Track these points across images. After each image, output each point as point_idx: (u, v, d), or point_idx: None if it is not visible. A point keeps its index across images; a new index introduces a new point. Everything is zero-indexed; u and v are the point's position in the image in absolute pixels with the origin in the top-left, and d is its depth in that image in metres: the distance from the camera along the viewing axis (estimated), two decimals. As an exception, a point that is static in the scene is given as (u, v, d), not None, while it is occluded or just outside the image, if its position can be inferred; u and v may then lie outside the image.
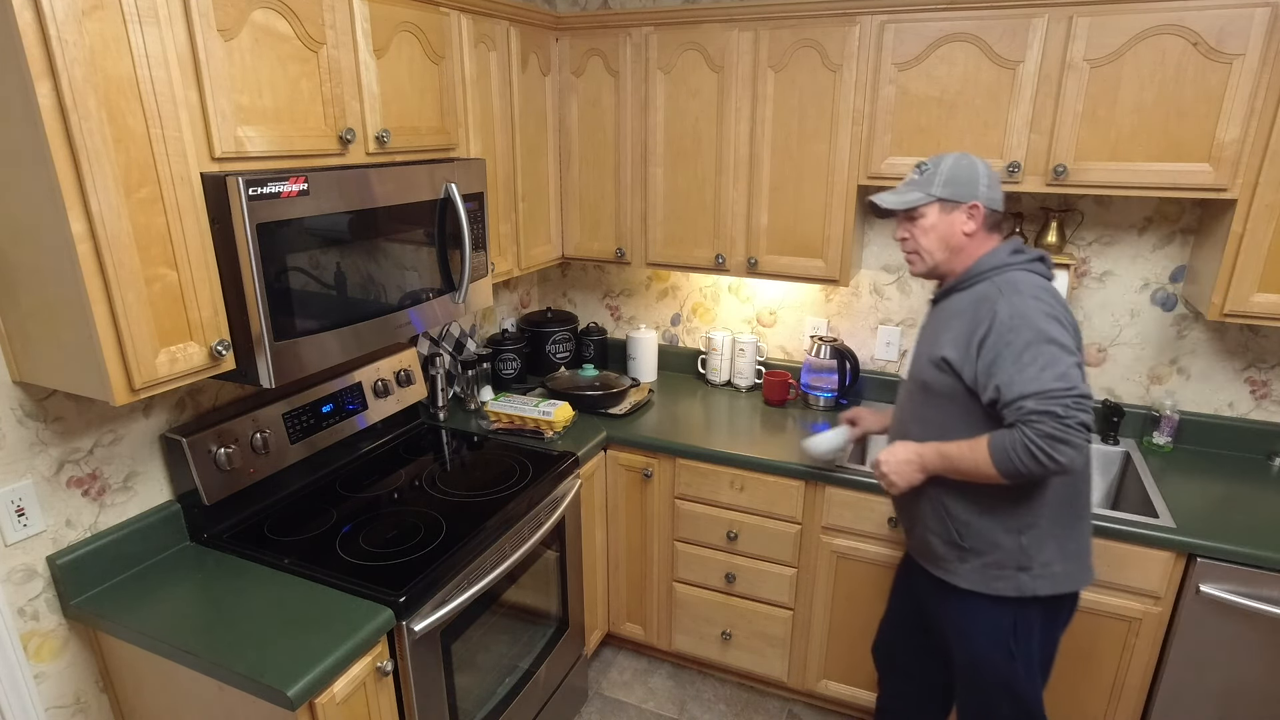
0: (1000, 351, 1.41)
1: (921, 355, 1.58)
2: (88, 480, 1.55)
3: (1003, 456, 1.40)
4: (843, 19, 2.03)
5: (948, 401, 1.53)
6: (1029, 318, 1.41)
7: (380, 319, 1.67)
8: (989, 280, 1.50)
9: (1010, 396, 1.39)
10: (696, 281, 2.81)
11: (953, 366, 1.49)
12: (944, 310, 1.57)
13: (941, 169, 1.52)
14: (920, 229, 1.55)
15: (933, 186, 1.52)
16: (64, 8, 1.08)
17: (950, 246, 1.54)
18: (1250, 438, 2.21)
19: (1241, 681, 1.83)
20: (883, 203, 1.56)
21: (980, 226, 1.53)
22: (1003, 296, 1.45)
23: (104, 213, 1.17)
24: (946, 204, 1.52)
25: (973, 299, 1.50)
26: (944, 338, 1.51)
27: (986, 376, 1.43)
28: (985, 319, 1.45)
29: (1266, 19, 1.68)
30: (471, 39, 1.97)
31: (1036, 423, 1.36)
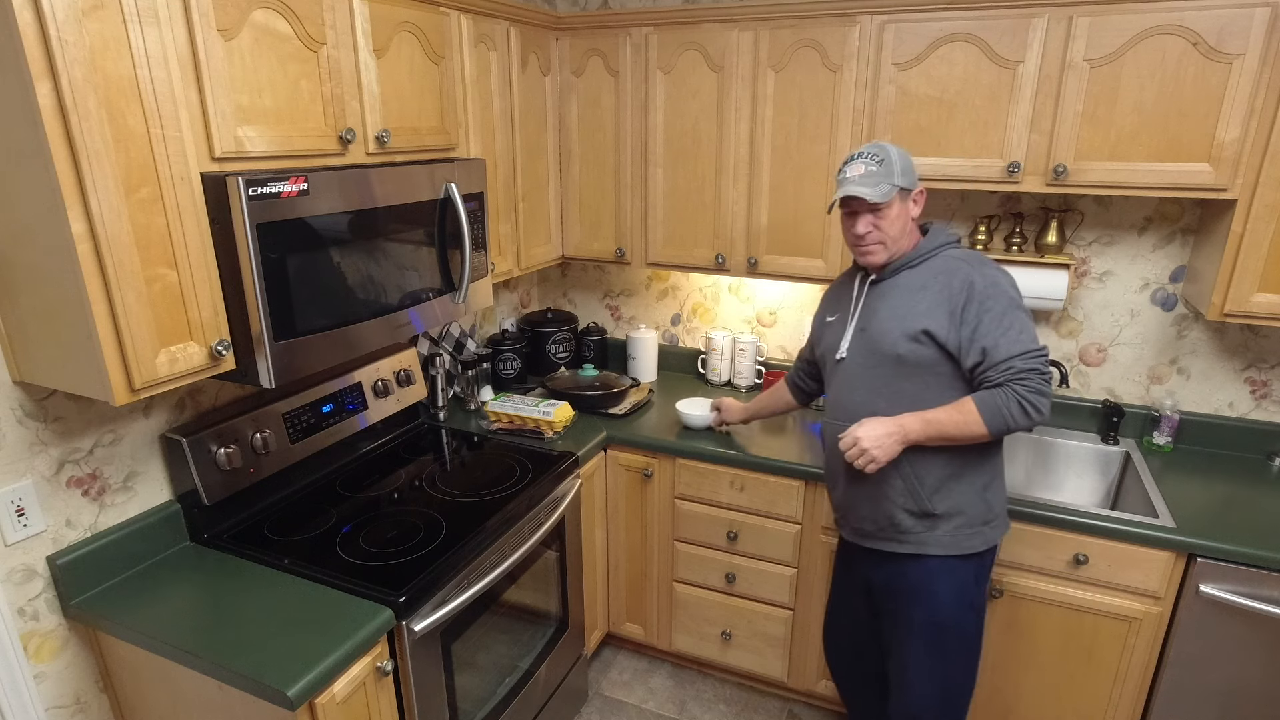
0: (982, 317, 1.51)
1: (886, 331, 1.60)
2: (88, 480, 1.55)
3: (994, 414, 1.50)
4: (843, 19, 2.03)
5: (925, 372, 1.58)
6: (1001, 286, 1.54)
7: (380, 319, 1.67)
8: (942, 255, 1.61)
9: (999, 358, 1.50)
10: (696, 281, 2.81)
11: (935, 337, 1.55)
12: (896, 287, 1.63)
13: (894, 158, 1.57)
14: (887, 219, 1.59)
15: (895, 177, 1.56)
16: (64, 8, 1.08)
17: (905, 231, 1.62)
18: (1250, 438, 2.21)
19: (1241, 681, 1.83)
20: (871, 197, 1.55)
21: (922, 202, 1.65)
22: (972, 268, 1.55)
23: (104, 213, 1.17)
24: (905, 192, 1.59)
25: (933, 272, 1.59)
26: (915, 311, 1.57)
27: (970, 341, 1.52)
28: (960, 289, 1.54)
29: (1266, 19, 1.68)
30: (471, 39, 1.97)
31: (1026, 379, 1.49)
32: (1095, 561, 1.88)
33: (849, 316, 1.71)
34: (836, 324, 1.76)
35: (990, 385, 1.52)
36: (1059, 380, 2.39)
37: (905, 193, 1.59)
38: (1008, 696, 2.10)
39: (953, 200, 2.37)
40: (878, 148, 1.58)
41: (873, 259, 1.63)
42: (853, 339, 1.69)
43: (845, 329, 1.71)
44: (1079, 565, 1.90)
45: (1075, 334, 2.34)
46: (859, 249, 1.64)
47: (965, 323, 1.53)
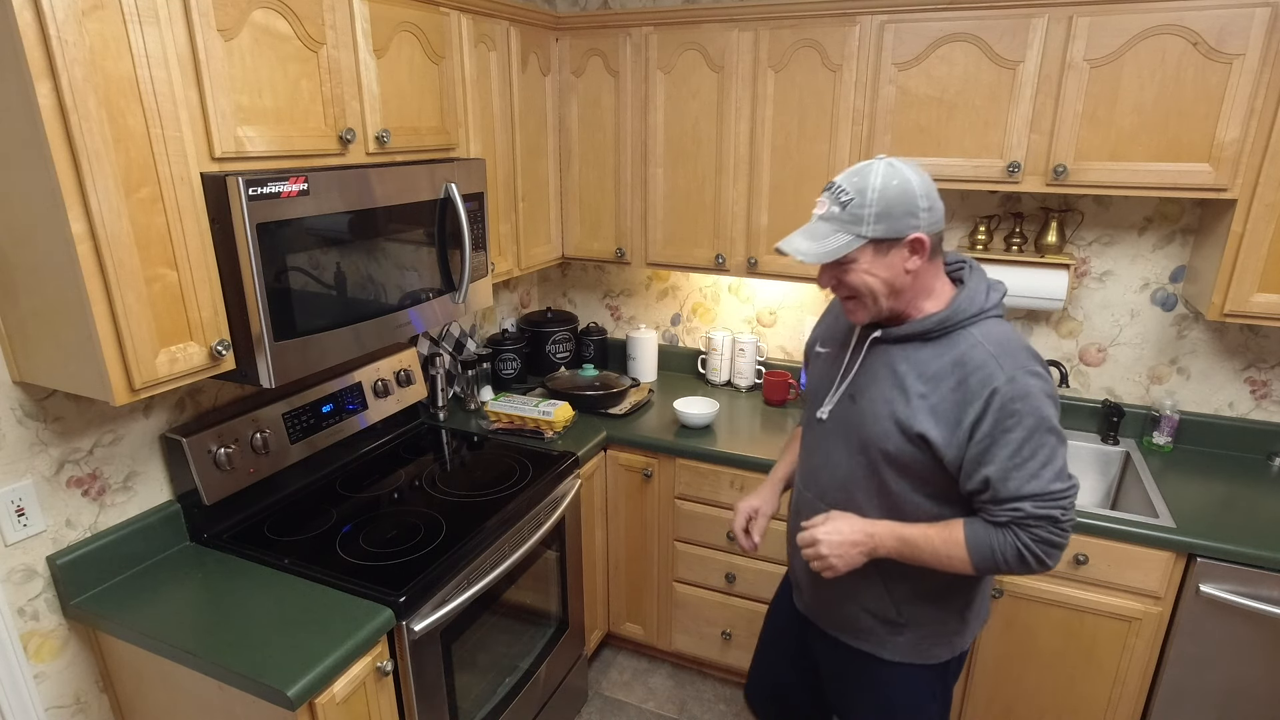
0: (996, 439, 1.19)
1: (877, 416, 1.29)
2: (88, 480, 1.55)
3: (985, 555, 1.24)
4: (843, 19, 2.03)
5: (916, 475, 1.29)
6: (1032, 399, 1.18)
7: (380, 319, 1.67)
8: (968, 333, 1.25)
9: (1006, 495, 1.20)
10: (696, 281, 2.81)
11: (933, 446, 1.23)
12: (904, 360, 1.29)
13: (869, 199, 1.19)
14: (856, 275, 1.24)
15: (862, 225, 1.20)
16: (64, 8, 1.08)
17: (894, 289, 1.25)
18: (1250, 438, 2.21)
19: (1241, 681, 1.83)
20: (799, 254, 1.23)
21: (925, 259, 1.24)
22: (1000, 368, 1.20)
23: (104, 213, 1.17)
24: (882, 244, 1.21)
25: (953, 358, 1.24)
26: (917, 405, 1.25)
27: (975, 465, 1.21)
28: (979, 396, 1.20)
29: (1266, 19, 1.68)
30: (471, 39, 1.97)
31: (1034, 527, 1.21)
32: (1095, 561, 1.88)
33: (840, 367, 1.39)
34: (826, 365, 1.44)
35: (990, 519, 1.24)
36: (1059, 380, 2.39)
37: (884, 244, 1.21)
38: (1008, 696, 2.10)
39: (953, 200, 2.37)
40: (861, 175, 1.21)
41: (851, 318, 1.33)
42: (839, 403, 1.37)
43: (833, 383, 1.40)
44: (1079, 565, 1.90)
45: (1075, 334, 2.34)
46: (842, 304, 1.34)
47: (975, 440, 1.20)
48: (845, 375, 1.38)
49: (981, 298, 1.28)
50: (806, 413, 1.49)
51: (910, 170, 1.21)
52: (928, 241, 1.22)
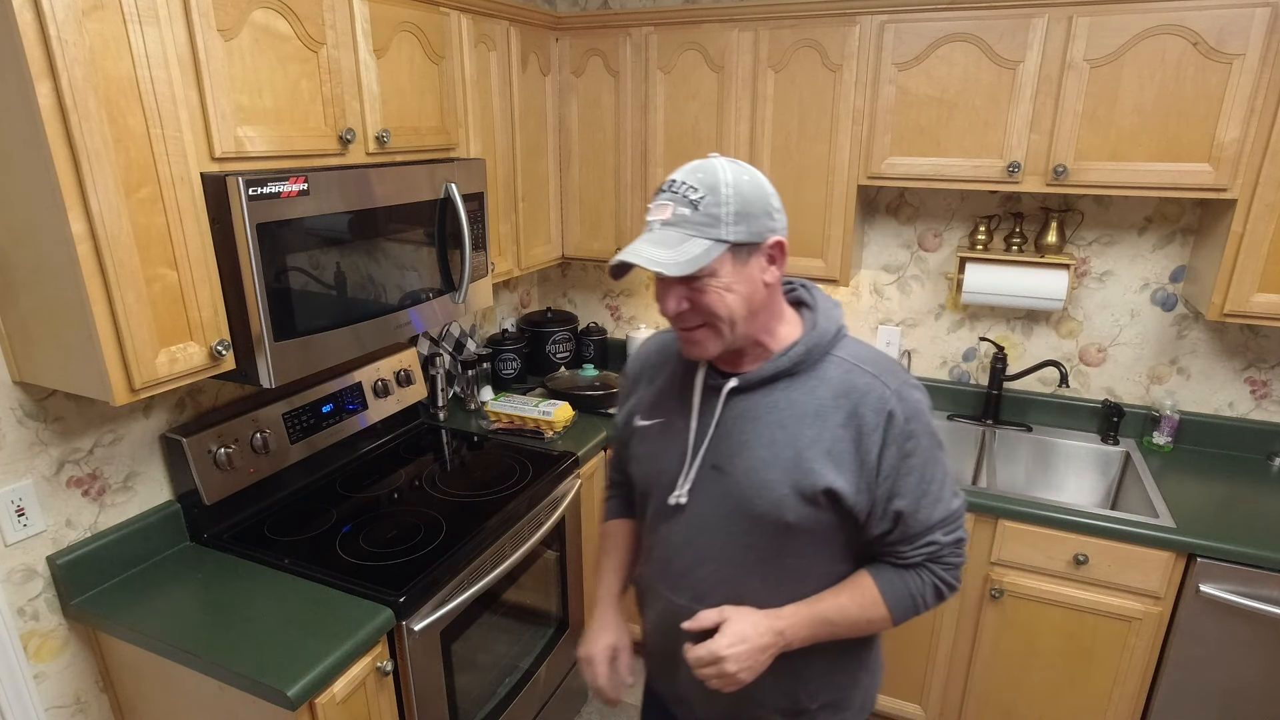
0: (902, 468, 1.04)
1: (764, 485, 1.06)
2: (88, 480, 1.55)
3: (907, 607, 1.10)
4: (843, 19, 2.03)
5: (816, 540, 1.09)
6: (922, 415, 1.06)
7: (380, 319, 1.67)
8: (835, 358, 1.08)
9: (918, 529, 1.07)
10: (696, 281, 2.81)
11: (841, 500, 1.04)
12: (773, 408, 1.07)
13: (725, 196, 0.98)
14: (712, 295, 1.00)
15: (721, 227, 0.97)
16: (64, 8, 1.08)
17: (751, 308, 1.03)
18: (1250, 438, 2.21)
19: (1241, 681, 1.83)
20: (655, 265, 0.96)
21: (782, 269, 1.05)
22: (888, 388, 1.04)
23: (104, 213, 1.17)
24: (742, 249, 1.00)
25: (832, 389, 1.05)
26: (813, 456, 1.04)
27: (886, 503, 1.05)
28: (876, 425, 1.03)
29: (1266, 19, 1.68)
30: (471, 39, 1.97)
31: (949, 557, 1.10)
32: (1095, 561, 1.88)
33: (688, 436, 1.12)
34: (663, 438, 1.16)
35: (901, 562, 1.10)
36: (1059, 380, 2.40)
37: (744, 249, 1.00)
38: (1008, 696, 2.10)
39: (953, 200, 2.37)
40: (706, 171, 0.99)
41: (697, 351, 1.06)
42: (699, 480, 1.11)
43: (684, 457, 1.12)
44: (1079, 565, 1.90)
45: (1075, 334, 2.34)
46: (679, 333, 1.07)
47: (882, 477, 1.04)
48: (699, 443, 1.10)
49: (837, 315, 1.12)
50: (648, 503, 1.18)
51: (752, 168, 1.04)
52: (784, 246, 1.03)
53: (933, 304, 2.48)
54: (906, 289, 2.50)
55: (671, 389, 1.18)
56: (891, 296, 2.53)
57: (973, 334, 2.46)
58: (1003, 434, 2.37)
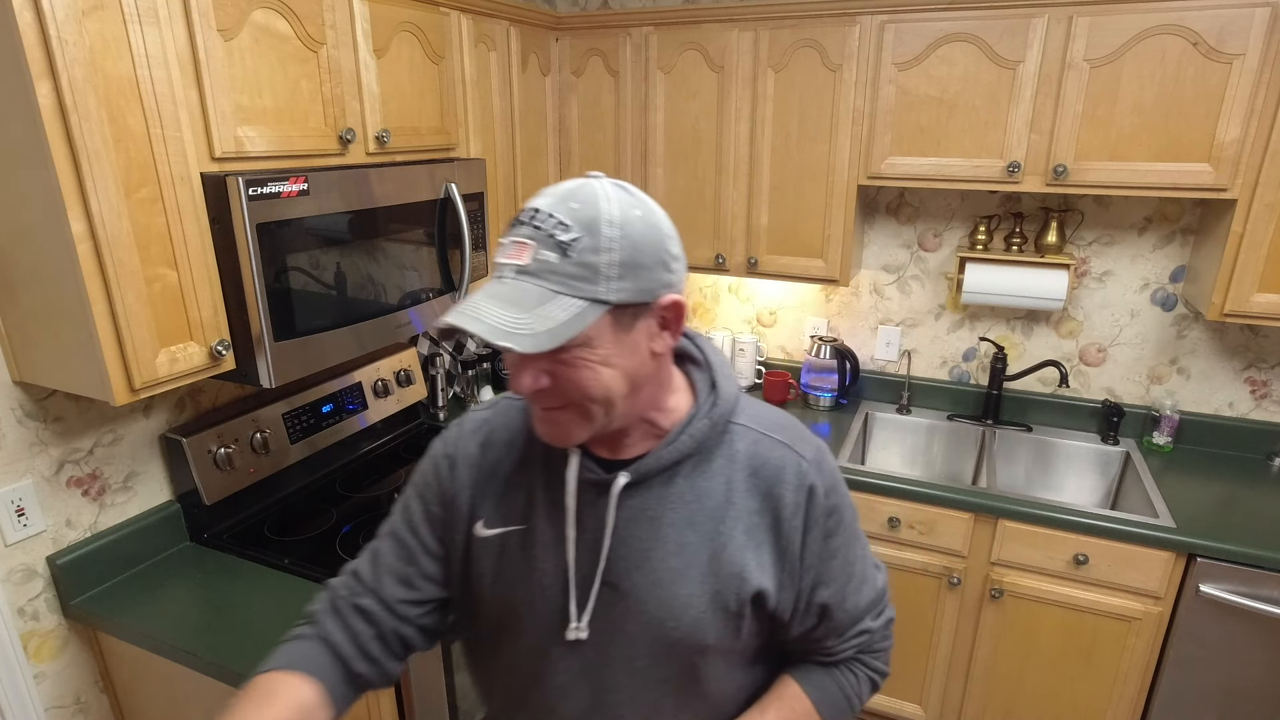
0: (825, 552, 0.87)
1: (681, 595, 0.82)
2: (88, 480, 1.55)
3: (842, 710, 0.94)
4: (843, 19, 2.03)
5: (744, 658, 0.91)
6: (840, 485, 0.89)
7: (380, 319, 1.67)
8: (737, 427, 0.86)
9: (847, 620, 0.90)
10: (696, 281, 2.81)
11: (767, 602, 0.85)
12: (680, 496, 0.83)
13: (607, 237, 0.71)
14: (585, 368, 0.73)
15: (600, 282, 0.71)
16: (64, 8, 1.08)
17: (635, 384, 0.77)
18: (1250, 438, 2.21)
19: (1241, 681, 1.83)
20: (502, 338, 0.68)
21: (678, 336, 0.79)
22: (802, 457, 0.86)
23: (104, 213, 1.17)
24: (626, 311, 0.73)
25: (748, 470, 0.85)
26: (729, 557, 0.83)
27: (810, 595, 0.87)
28: (797, 503, 0.84)
29: (1266, 19, 1.68)
30: (471, 39, 1.97)
31: (880, 643, 0.95)
32: (1095, 561, 1.88)
33: (566, 545, 0.84)
34: (527, 551, 0.87)
35: (829, 659, 0.94)
36: (1059, 380, 2.40)
37: (634, 312, 0.74)
38: (1008, 696, 2.10)
39: (953, 200, 2.37)
40: (584, 200, 0.72)
41: (558, 436, 0.78)
42: (598, 606, 0.85)
43: (566, 576, 0.85)
44: (1079, 565, 1.90)
45: (1075, 334, 2.34)
46: (536, 415, 0.79)
47: (806, 565, 0.86)
48: (591, 558, 0.84)
49: (725, 371, 0.88)
50: (507, 638, 0.90)
51: (648, 198, 0.77)
52: (682, 308, 0.77)
53: (933, 304, 2.48)
54: (906, 289, 2.50)
55: (528, 483, 0.87)
56: (891, 296, 2.53)
57: (973, 334, 2.46)
58: (1003, 434, 2.37)
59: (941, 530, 2.02)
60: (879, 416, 2.52)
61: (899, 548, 2.09)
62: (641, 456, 0.84)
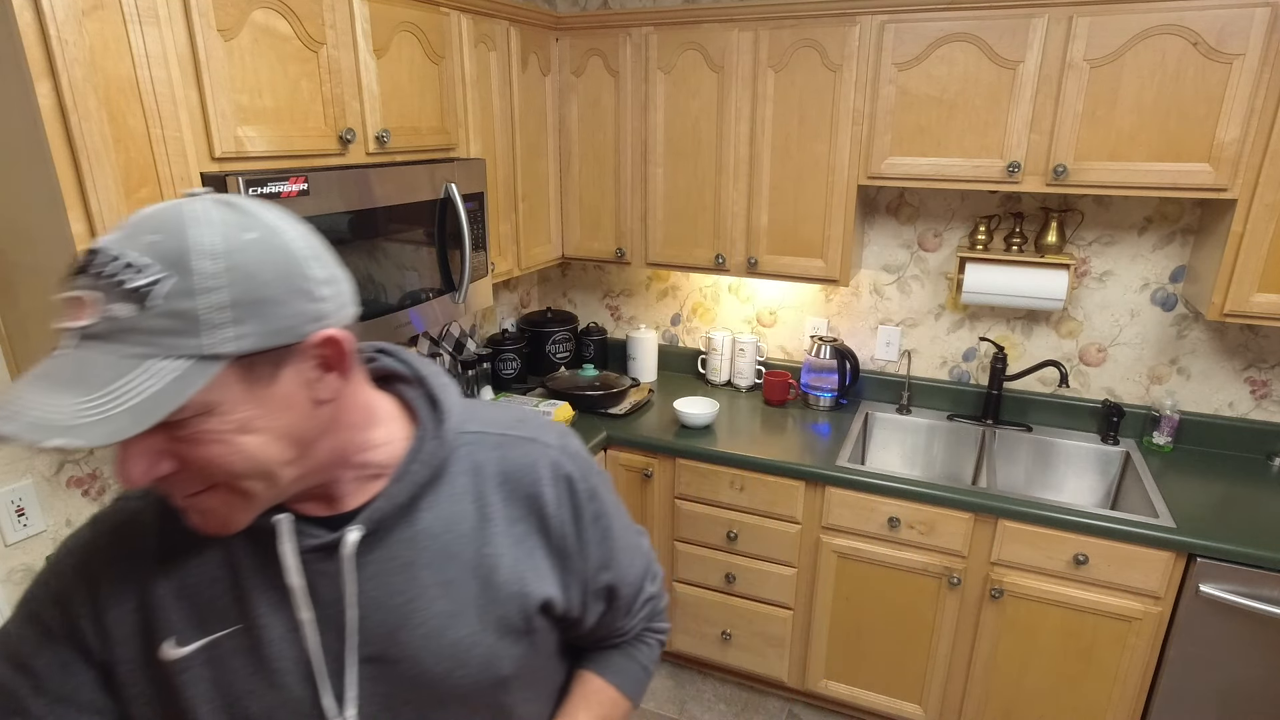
0: (595, 535, 0.81)
1: (458, 645, 0.73)
2: (88, 480, 1.55)
3: (641, 684, 0.93)
4: (843, 19, 2.03)
5: (545, 672, 0.86)
6: (592, 463, 0.84)
7: (380, 319, 1.67)
8: (474, 434, 0.77)
9: (632, 592, 0.88)
10: (696, 281, 2.81)
11: (555, 608, 0.79)
12: (428, 540, 0.72)
13: (201, 272, 0.55)
14: (213, 443, 0.58)
15: (202, 332, 0.55)
16: (64, 8, 1.08)
17: (304, 440, 0.63)
18: (1250, 438, 2.21)
19: (1241, 681, 1.83)
20: (55, 436, 0.51)
21: (349, 372, 0.65)
22: (547, 446, 0.79)
23: (104, 213, 1.17)
24: (261, 360, 0.59)
25: (500, 478, 0.76)
26: (503, 577, 0.74)
27: (597, 582, 0.83)
28: (560, 499, 0.78)
29: (1266, 19, 1.68)
30: (471, 39, 1.97)
31: (661, 605, 0.95)
32: (1095, 561, 1.88)
33: (303, 630, 0.70)
34: (252, 653, 0.70)
35: (623, 639, 0.92)
36: (1059, 380, 2.40)
37: (274, 359, 0.59)
38: (1008, 696, 2.10)
39: (953, 200, 2.37)
40: (166, 229, 0.56)
41: (215, 525, 0.63)
42: (365, 687, 0.72)
43: (311, 666, 0.71)
44: (1079, 565, 1.90)
45: (1075, 334, 2.34)
46: (177, 505, 0.63)
47: (586, 555, 0.81)
48: (336, 636, 0.71)
49: (449, 380, 0.79)
50: None
51: (274, 213, 0.62)
52: (345, 342, 0.63)
53: (933, 304, 2.48)
54: (906, 289, 2.50)
55: (230, 570, 0.70)
56: (891, 296, 2.53)
57: (973, 334, 2.46)
58: (1003, 434, 2.37)
59: (941, 530, 2.02)
60: (879, 416, 2.52)
61: (899, 548, 2.10)
62: (370, 503, 0.70)
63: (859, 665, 2.28)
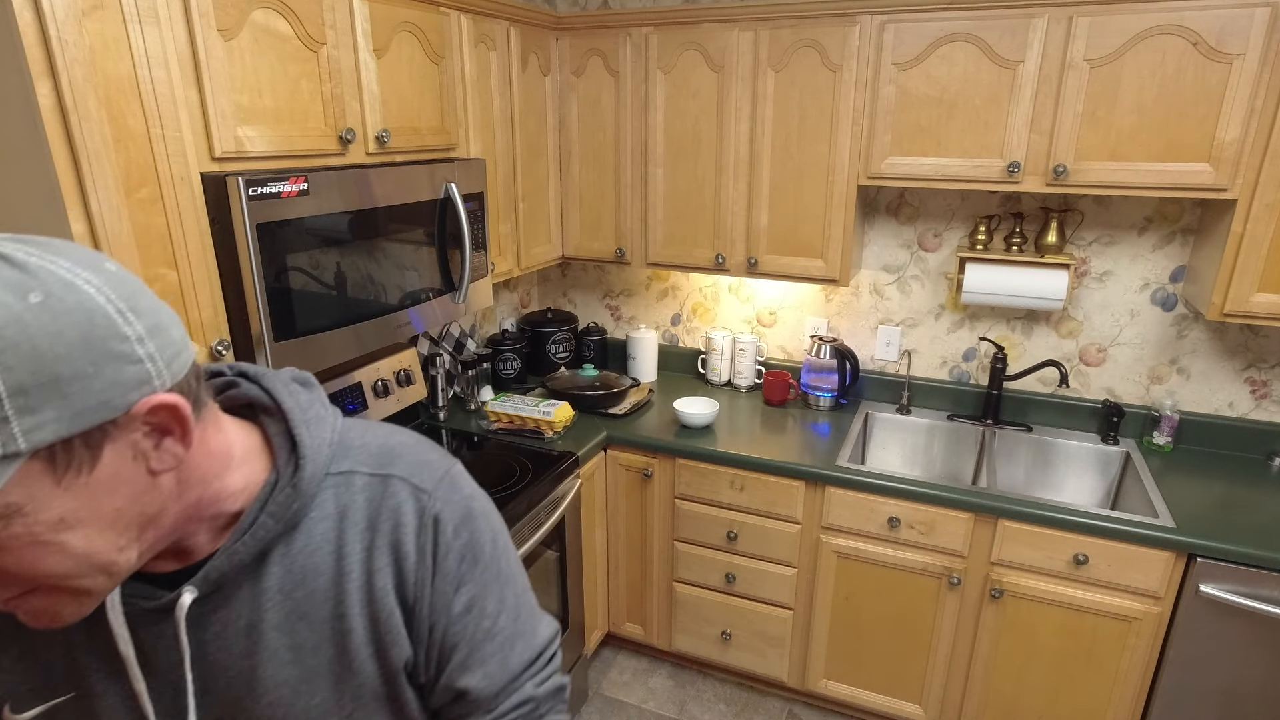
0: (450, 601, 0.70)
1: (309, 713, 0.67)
2: None
3: None
4: (843, 19, 2.03)
5: None
6: (476, 518, 0.72)
7: (380, 319, 1.67)
8: (340, 474, 0.68)
9: (491, 689, 0.72)
10: (696, 281, 2.81)
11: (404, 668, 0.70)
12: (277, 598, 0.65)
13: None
14: (30, 543, 0.49)
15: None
16: (64, 8, 1.08)
17: (146, 519, 0.55)
18: (1250, 438, 2.21)
19: (1241, 681, 1.83)
20: None
21: (191, 432, 0.55)
22: (422, 490, 0.69)
23: (104, 213, 1.17)
24: (72, 447, 0.49)
25: (357, 526, 0.67)
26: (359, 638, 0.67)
27: (443, 658, 0.71)
28: (421, 550, 0.68)
29: (1266, 19, 1.68)
30: (471, 39, 1.97)
31: (551, 714, 0.77)
32: (1095, 561, 1.88)
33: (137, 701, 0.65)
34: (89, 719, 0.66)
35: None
36: (1059, 380, 2.40)
37: (93, 442, 0.49)
38: (1008, 696, 2.10)
39: (953, 200, 2.37)
40: None
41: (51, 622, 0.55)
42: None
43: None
44: (1079, 565, 1.90)
45: (1075, 334, 2.34)
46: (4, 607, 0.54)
47: (433, 626, 0.69)
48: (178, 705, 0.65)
49: (323, 411, 0.69)
50: None
51: (63, 261, 0.50)
52: (180, 407, 0.53)
53: (933, 304, 2.48)
54: (906, 289, 2.50)
55: (57, 639, 0.64)
56: (891, 296, 2.53)
57: (973, 334, 2.46)
58: (1003, 434, 2.37)
59: (941, 530, 2.02)
60: (879, 416, 2.52)
61: (899, 548, 2.10)
62: (211, 558, 0.63)
63: (859, 665, 2.28)
